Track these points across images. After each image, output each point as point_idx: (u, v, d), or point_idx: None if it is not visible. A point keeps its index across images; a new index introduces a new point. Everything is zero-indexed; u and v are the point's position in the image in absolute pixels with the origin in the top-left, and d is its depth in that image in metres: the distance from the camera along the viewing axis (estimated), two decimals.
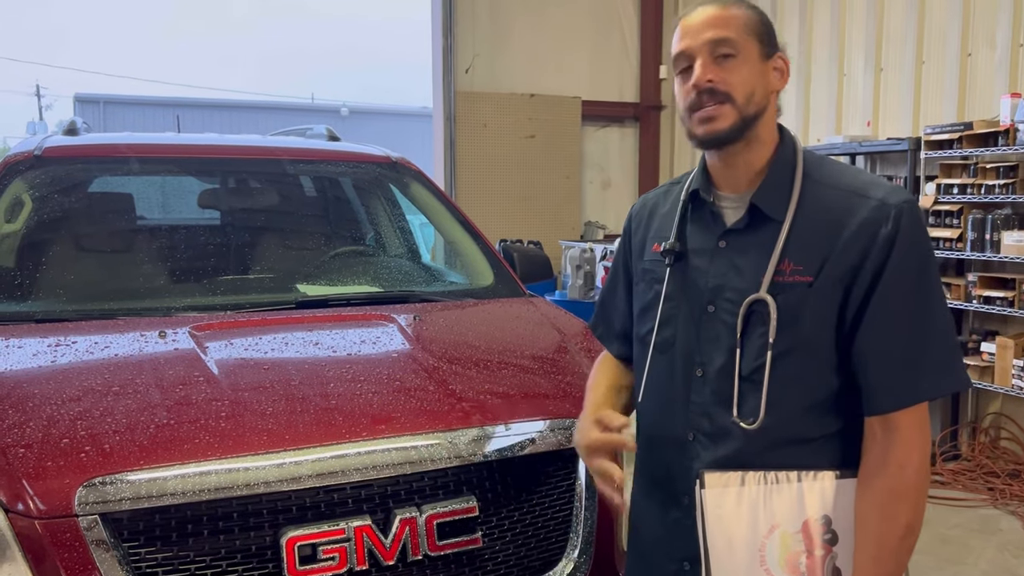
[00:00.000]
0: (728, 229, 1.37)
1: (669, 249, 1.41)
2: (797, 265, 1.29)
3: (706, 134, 1.32)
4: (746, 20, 1.33)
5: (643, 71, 8.31)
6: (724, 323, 1.34)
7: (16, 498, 1.56)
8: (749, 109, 1.31)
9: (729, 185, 1.39)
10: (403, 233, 3.60)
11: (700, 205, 1.42)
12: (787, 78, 1.38)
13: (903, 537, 1.26)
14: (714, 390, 1.35)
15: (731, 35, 1.30)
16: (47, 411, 1.78)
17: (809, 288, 1.28)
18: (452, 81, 7.54)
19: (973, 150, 4.84)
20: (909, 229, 1.27)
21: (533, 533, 1.87)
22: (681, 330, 1.40)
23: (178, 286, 2.74)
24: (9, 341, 2.18)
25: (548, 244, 7.27)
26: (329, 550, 1.65)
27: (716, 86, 1.29)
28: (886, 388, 1.26)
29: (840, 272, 1.27)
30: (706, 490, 1.30)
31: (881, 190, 1.31)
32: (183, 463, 1.64)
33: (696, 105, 1.31)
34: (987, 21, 5.23)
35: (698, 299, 1.38)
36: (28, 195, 2.84)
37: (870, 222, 1.27)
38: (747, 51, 1.32)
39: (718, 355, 1.35)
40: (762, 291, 1.29)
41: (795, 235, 1.30)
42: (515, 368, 2.29)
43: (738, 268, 1.34)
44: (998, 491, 4.54)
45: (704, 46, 1.31)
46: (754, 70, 1.32)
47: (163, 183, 3.78)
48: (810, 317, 1.28)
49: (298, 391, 1.92)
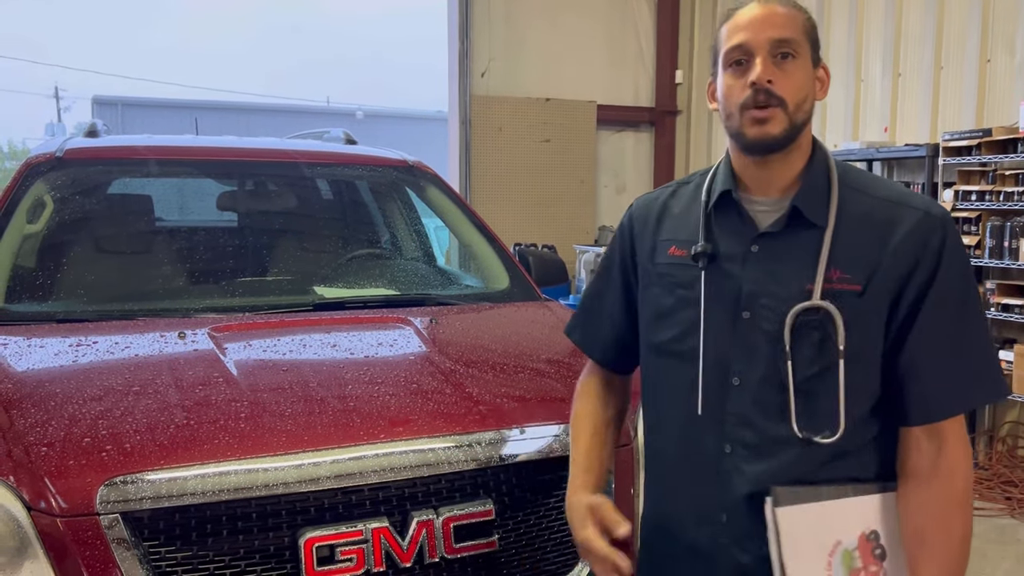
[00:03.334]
0: (762, 233, 1.32)
1: (701, 252, 1.35)
2: (845, 273, 1.26)
3: (757, 136, 1.28)
4: (804, 23, 1.30)
5: (659, 76, 8.31)
6: (763, 331, 1.29)
7: (38, 496, 1.58)
8: (799, 116, 1.28)
9: (761, 189, 1.35)
10: (419, 236, 3.61)
11: (728, 207, 1.37)
12: (827, 88, 1.35)
13: (962, 546, 1.26)
14: (756, 399, 1.29)
15: (794, 36, 1.28)
16: (69, 410, 1.79)
17: (859, 297, 1.25)
18: (468, 85, 7.56)
19: (991, 157, 4.81)
20: (954, 240, 1.27)
21: (549, 537, 1.87)
22: (711, 337, 1.33)
23: (197, 287, 2.76)
24: (31, 341, 2.20)
25: (562, 248, 7.27)
26: (347, 551, 1.65)
27: (774, 88, 1.25)
28: (936, 398, 1.25)
29: (890, 282, 1.25)
30: (781, 508, 1.25)
31: (920, 200, 1.30)
32: (203, 463, 1.65)
33: (750, 103, 1.27)
34: (1006, 27, 5.20)
35: (731, 306, 1.32)
36: (50, 196, 2.87)
37: (918, 232, 1.26)
38: (804, 55, 1.29)
39: (758, 364, 1.29)
40: (815, 298, 1.25)
41: (839, 242, 1.27)
42: (531, 372, 2.29)
43: (775, 274, 1.30)
44: (1015, 500, 4.50)
45: (766, 43, 1.27)
46: (808, 75, 1.30)
47: (182, 185, 3.81)
48: (860, 327, 1.25)
49: (316, 393, 1.93)
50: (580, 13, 7.94)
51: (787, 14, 1.28)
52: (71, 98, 43.76)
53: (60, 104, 28.32)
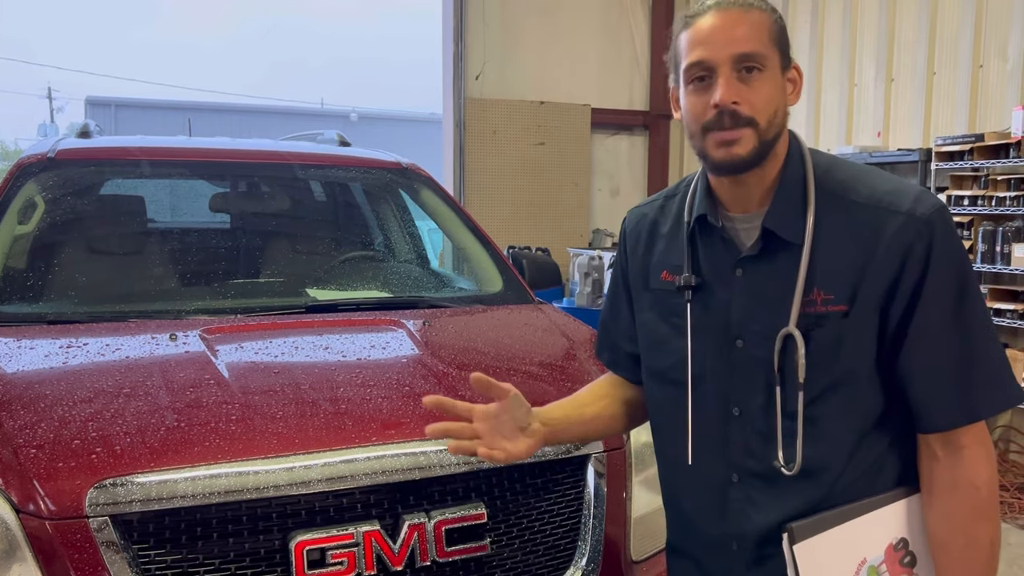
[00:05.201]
0: (743, 256, 1.25)
1: (684, 285, 1.29)
2: (828, 294, 1.19)
3: (724, 159, 1.19)
4: (769, 27, 1.19)
5: (653, 79, 8.32)
6: (756, 358, 1.23)
7: (27, 499, 1.57)
8: (770, 133, 1.19)
9: (738, 205, 1.27)
10: (412, 239, 3.61)
11: (709, 229, 1.30)
12: (800, 90, 1.25)
13: (989, 554, 1.21)
14: (756, 428, 1.25)
15: (759, 48, 1.17)
16: (58, 412, 1.78)
17: (845, 318, 1.18)
18: (462, 87, 7.56)
19: (984, 162, 4.82)
20: (944, 241, 1.18)
21: (541, 540, 1.87)
22: (710, 366, 1.28)
23: (189, 289, 2.75)
24: (21, 342, 2.19)
25: (556, 251, 7.27)
26: (338, 555, 1.64)
27: (740, 109, 1.16)
28: (938, 407, 1.19)
29: (875, 297, 1.18)
30: (798, 544, 1.20)
31: (907, 199, 1.19)
32: (193, 466, 1.64)
33: (714, 125, 1.18)
34: (999, 33, 5.22)
35: (723, 333, 1.27)
36: (41, 197, 2.85)
37: (901, 239, 1.17)
38: (772, 65, 1.19)
39: (756, 393, 1.24)
40: (790, 326, 1.19)
41: (818, 260, 1.20)
42: (524, 375, 2.29)
43: (761, 298, 1.23)
44: (1007, 505, 4.52)
45: (729, 59, 1.17)
46: (777, 86, 1.20)
47: (175, 186, 3.80)
48: (849, 347, 1.19)
49: (308, 395, 1.92)
50: (574, 16, 7.95)
51: (751, 23, 1.17)
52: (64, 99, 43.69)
53: (53, 105, 28.26)
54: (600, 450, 1.94)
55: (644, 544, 2.00)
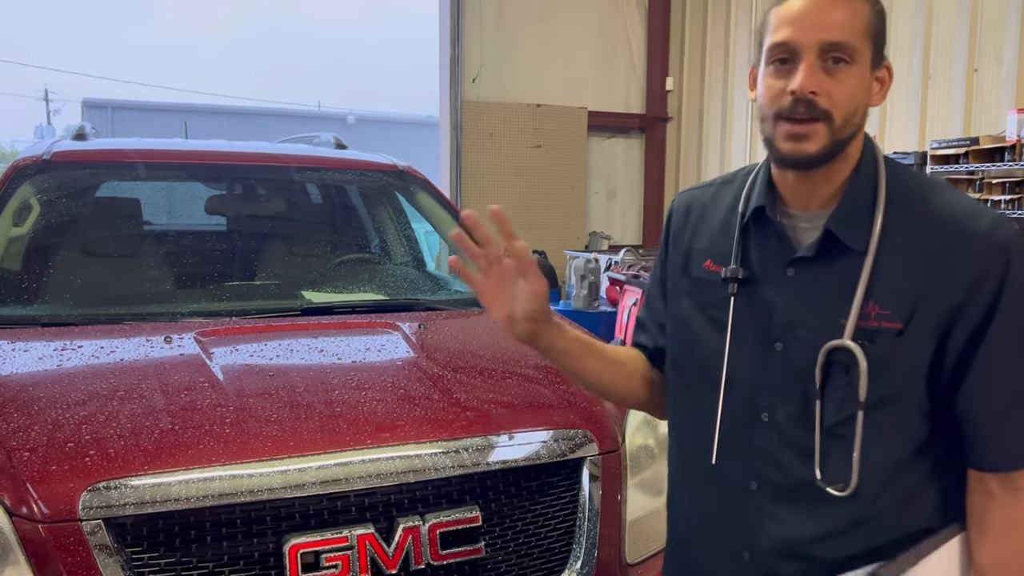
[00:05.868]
0: (797, 256, 1.18)
1: (730, 276, 1.22)
2: (884, 309, 1.11)
3: (790, 153, 1.12)
4: (867, 18, 1.11)
5: (649, 83, 8.34)
6: (795, 365, 1.16)
7: (20, 502, 1.56)
8: (845, 131, 1.12)
9: (800, 203, 1.20)
10: (408, 241, 3.61)
11: (764, 223, 1.22)
12: (887, 91, 1.17)
13: None
14: (785, 439, 1.18)
15: (849, 39, 1.09)
16: (52, 415, 1.78)
17: (899, 337, 1.11)
18: (459, 90, 7.57)
19: (979, 165, 4.84)
20: (1021, 269, 1.10)
21: (536, 543, 1.87)
22: (742, 366, 1.22)
23: (184, 291, 2.74)
24: (15, 344, 2.18)
25: (553, 254, 7.28)
26: (332, 558, 1.64)
27: (818, 101, 1.09)
28: (1000, 445, 1.13)
29: (936, 319, 1.10)
30: None
31: (983, 222, 1.11)
32: (187, 469, 1.63)
33: (788, 113, 1.11)
34: (994, 37, 5.24)
35: (763, 334, 1.20)
36: (36, 199, 2.85)
37: (974, 262, 1.09)
38: (862, 59, 1.11)
39: (789, 400, 1.18)
40: (845, 338, 1.11)
41: (880, 271, 1.12)
42: (519, 378, 2.29)
43: (809, 303, 1.16)
44: None
45: (816, 45, 1.09)
46: (863, 83, 1.12)
47: (171, 189, 3.80)
48: (900, 368, 1.12)
49: (302, 398, 1.92)
50: (571, 19, 7.97)
51: (847, 10, 1.10)
52: (61, 101, 43.62)
53: (50, 107, 28.25)
54: (595, 453, 1.94)
55: (639, 547, 2.00)
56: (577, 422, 1.97)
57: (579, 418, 1.99)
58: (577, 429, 1.95)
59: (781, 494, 1.19)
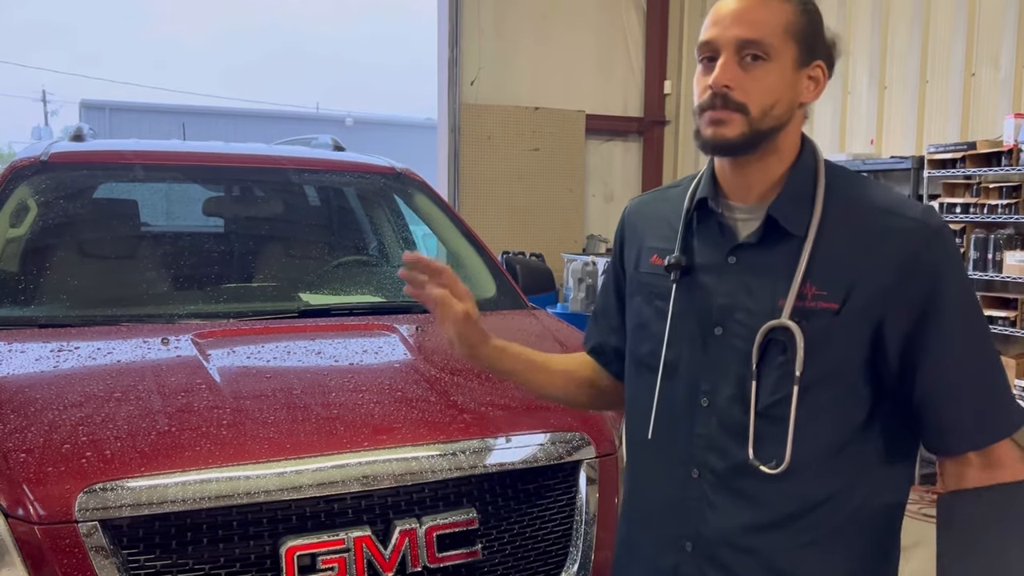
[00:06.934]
0: (739, 244, 1.23)
1: (674, 264, 1.27)
2: (820, 290, 1.16)
3: (712, 138, 1.19)
4: (787, 19, 1.17)
5: (647, 86, 8.34)
6: (734, 348, 1.20)
7: (16, 503, 1.56)
8: (764, 123, 1.17)
9: (739, 195, 1.25)
10: (406, 244, 3.61)
11: (707, 215, 1.28)
12: (821, 90, 1.23)
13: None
14: (723, 423, 1.21)
15: (764, 37, 1.15)
16: (48, 416, 1.78)
17: (835, 316, 1.15)
18: (457, 93, 7.57)
19: (976, 169, 4.85)
20: (954, 255, 1.17)
21: (533, 546, 1.87)
22: (685, 353, 1.25)
23: (181, 293, 2.74)
24: (12, 346, 2.18)
25: (550, 257, 7.27)
26: (328, 560, 1.64)
27: (732, 94, 1.16)
28: (971, 425, 1.16)
29: (870, 298, 1.15)
30: None
31: (916, 210, 1.18)
32: (184, 470, 1.63)
33: (707, 106, 1.18)
34: (991, 41, 5.25)
35: (704, 320, 1.24)
36: (33, 200, 2.85)
37: (908, 244, 1.15)
38: (781, 56, 1.17)
39: (727, 384, 1.21)
40: (784, 318, 1.16)
41: (818, 255, 1.17)
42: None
43: (749, 288, 1.21)
44: None
45: (732, 42, 1.16)
46: (783, 79, 1.18)
47: (168, 190, 3.79)
48: (836, 347, 1.16)
49: (300, 400, 1.92)
50: (569, 23, 7.97)
51: (766, 10, 1.16)
52: (59, 102, 43.52)
53: (47, 108, 28.19)
54: (592, 456, 1.95)
55: None
56: (574, 425, 1.97)
57: (576, 421, 1.99)
58: (574, 432, 1.95)
59: (720, 481, 1.22)
